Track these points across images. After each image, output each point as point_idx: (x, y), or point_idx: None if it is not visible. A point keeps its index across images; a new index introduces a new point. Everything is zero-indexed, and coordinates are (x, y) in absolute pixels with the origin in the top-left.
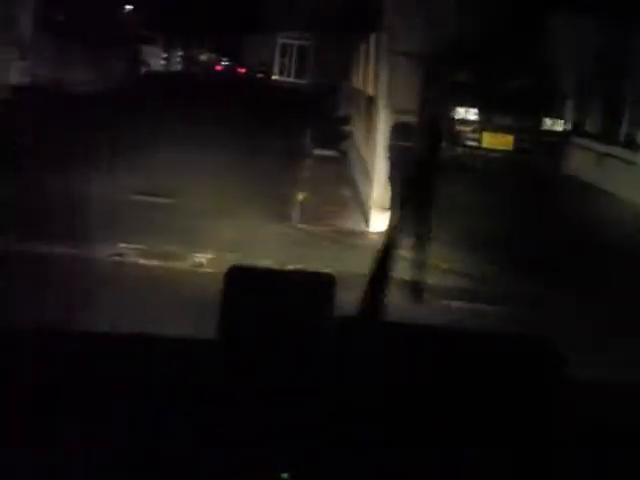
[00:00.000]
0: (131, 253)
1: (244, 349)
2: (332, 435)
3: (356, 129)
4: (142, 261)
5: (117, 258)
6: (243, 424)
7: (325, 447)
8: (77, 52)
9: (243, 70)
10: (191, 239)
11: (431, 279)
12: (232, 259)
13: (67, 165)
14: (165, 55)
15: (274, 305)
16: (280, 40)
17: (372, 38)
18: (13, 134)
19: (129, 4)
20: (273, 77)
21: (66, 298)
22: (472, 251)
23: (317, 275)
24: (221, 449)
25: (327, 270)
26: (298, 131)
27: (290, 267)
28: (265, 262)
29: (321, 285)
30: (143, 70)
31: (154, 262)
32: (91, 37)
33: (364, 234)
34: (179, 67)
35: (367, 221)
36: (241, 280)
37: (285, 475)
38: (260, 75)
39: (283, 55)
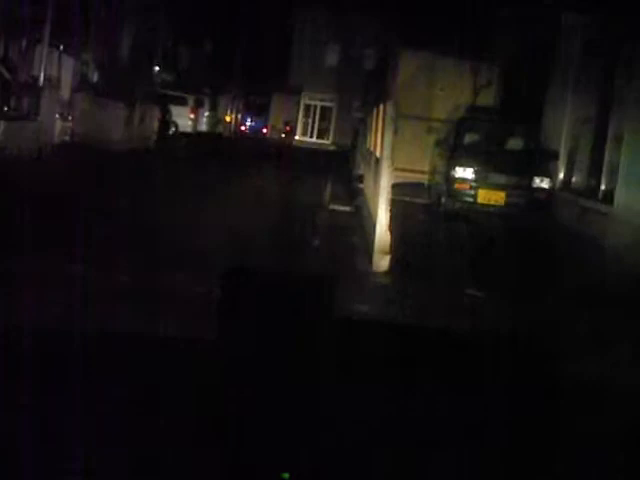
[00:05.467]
0: None
1: (244, 349)
2: (332, 435)
3: (367, 186)
4: None
5: None
6: (243, 424)
7: (325, 447)
8: (111, 112)
9: (267, 130)
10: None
11: None
12: None
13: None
14: (192, 116)
15: (274, 306)
16: (304, 101)
17: (381, 104)
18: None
19: (158, 65)
20: (296, 137)
21: None
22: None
23: (318, 277)
24: (221, 449)
25: None
26: (317, 188)
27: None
28: None
29: (322, 286)
30: (172, 130)
31: None
32: (123, 97)
33: (368, 273)
34: (205, 127)
35: (371, 263)
36: (241, 281)
37: (285, 475)
38: (283, 135)
39: (306, 116)
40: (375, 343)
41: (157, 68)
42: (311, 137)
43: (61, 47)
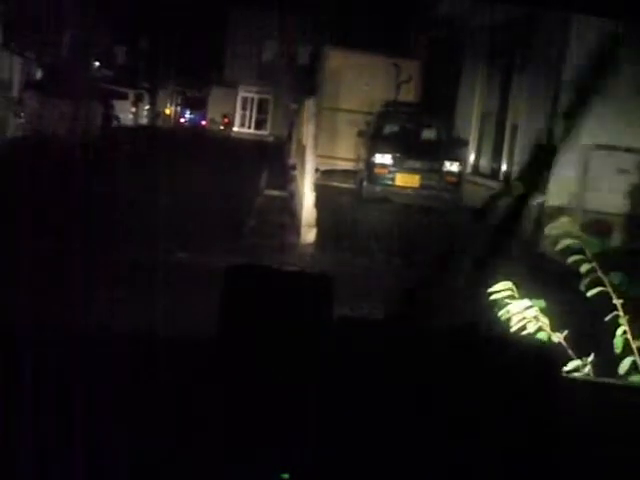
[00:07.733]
0: None
1: (244, 348)
2: (332, 435)
3: (299, 173)
4: None
5: None
6: (243, 424)
7: (325, 447)
8: (57, 109)
9: (205, 122)
10: None
11: None
12: None
13: None
14: (133, 110)
15: (273, 305)
16: (241, 94)
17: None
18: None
19: (98, 62)
20: (234, 128)
21: None
22: None
23: (316, 276)
24: (221, 449)
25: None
26: (254, 176)
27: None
28: None
29: (320, 285)
30: (114, 124)
31: None
32: (68, 94)
33: (296, 244)
34: (146, 121)
35: (299, 236)
36: (241, 279)
37: (285, 475)
38: (222, 127)
39: (244, 108)
40: (374, 342)
41: (97, 64)
42: (249, 128)
43: (13, 47)
